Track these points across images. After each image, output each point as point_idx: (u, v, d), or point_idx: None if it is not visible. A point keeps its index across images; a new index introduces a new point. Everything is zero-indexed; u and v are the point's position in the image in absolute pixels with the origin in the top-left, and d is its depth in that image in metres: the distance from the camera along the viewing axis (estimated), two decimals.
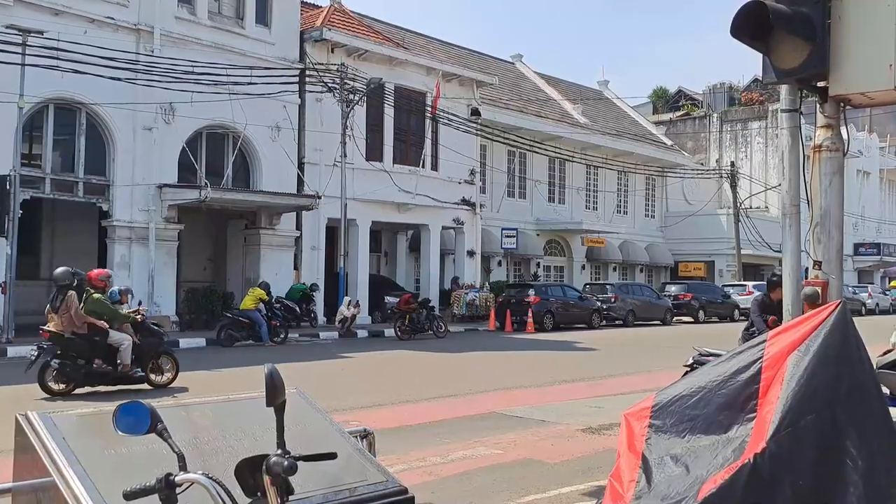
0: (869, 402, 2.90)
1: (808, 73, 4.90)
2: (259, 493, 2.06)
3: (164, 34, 21.00)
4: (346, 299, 22.37)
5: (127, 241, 20.57)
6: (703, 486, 2.78)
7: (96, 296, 11.05)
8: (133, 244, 20.62)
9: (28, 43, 17.15)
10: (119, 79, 19.12)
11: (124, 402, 2.25)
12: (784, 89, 5.44)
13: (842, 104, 5.10)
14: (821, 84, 5.04)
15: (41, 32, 17.41)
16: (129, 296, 12.87)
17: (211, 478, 2.07)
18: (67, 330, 10.68)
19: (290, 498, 2.07)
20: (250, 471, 2.07)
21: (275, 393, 2.06)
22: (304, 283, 23.45)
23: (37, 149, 19.75)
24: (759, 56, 5.21)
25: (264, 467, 2.00)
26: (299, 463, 2.03)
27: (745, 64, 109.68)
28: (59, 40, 17.91)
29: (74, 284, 10.86)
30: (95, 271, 11.90)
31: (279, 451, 2.01)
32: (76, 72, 18.19)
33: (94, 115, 20.10)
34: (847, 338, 2.97)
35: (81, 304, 10.79)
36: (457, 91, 28.96)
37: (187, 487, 2.09)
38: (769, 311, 8.30)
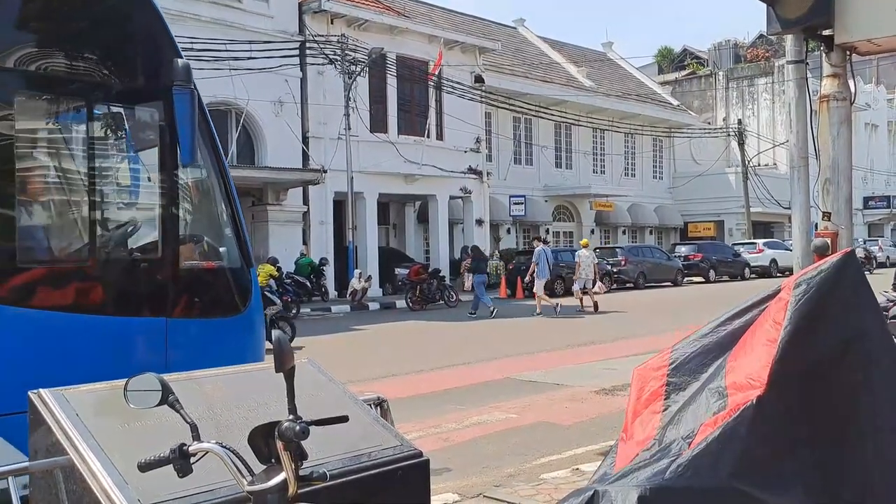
0: (877, 348, 2.82)
1: (813, 21, 4.84)
2: (273, 460, 2.06)
3: (162, 10, 20.75)
4: (357, 272, 22.40)
5: None
6: (696, 433, 2.70)
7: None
8: None
9: None
10: None
11: (135, 375, 2.25)
12: (789, 40, 5.37)
13: (848, 52, 5.03)
14: (826, 32, 4.98)
15: None
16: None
17: (224, 446, 2.08)
18: None
19: (306, 463, 2.07)
20: (264, 438, 2.08)
21: (283, 358, 2.05)
22: (305, 255, 23.14)
23: None
24: (764, 10, 5.14)
25: (276, 433, 2.00)
26: (314, 430, 2.03)
27: (751, 20, 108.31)
28: None
29: None
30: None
31: (291, 417, 2.01)
32: None
33: None
34: (852, 280, 2.86)
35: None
36: (460, 58, 28.72)
37: (201, 457, 2.10)
38: None
